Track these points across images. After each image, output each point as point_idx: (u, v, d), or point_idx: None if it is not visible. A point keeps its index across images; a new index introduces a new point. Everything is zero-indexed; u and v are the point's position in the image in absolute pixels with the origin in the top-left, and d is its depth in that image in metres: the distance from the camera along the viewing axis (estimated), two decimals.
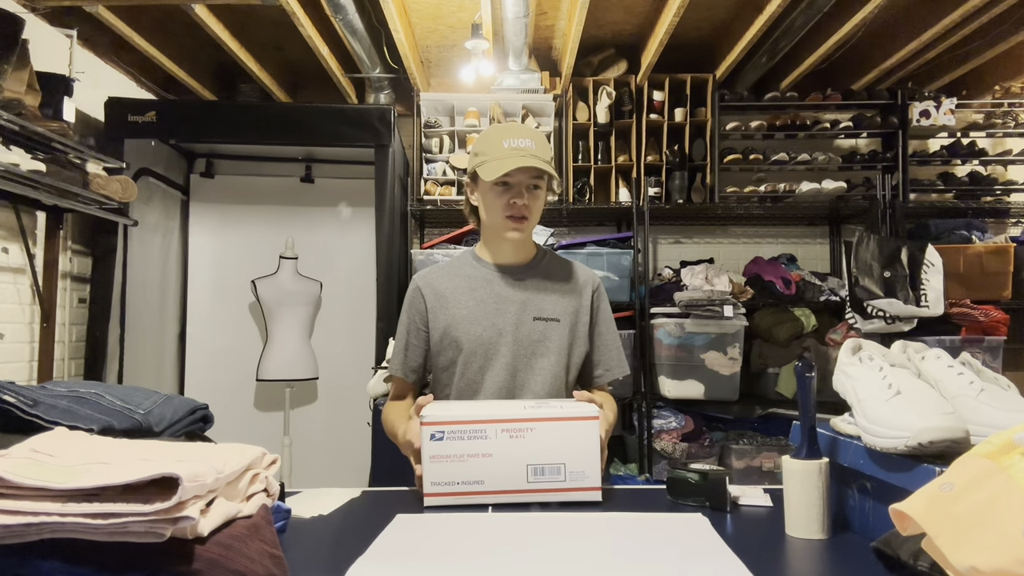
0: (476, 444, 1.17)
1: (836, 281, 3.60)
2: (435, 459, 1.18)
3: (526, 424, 1.18)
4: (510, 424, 1.18)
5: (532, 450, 1.17)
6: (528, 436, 1.18)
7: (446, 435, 1.17)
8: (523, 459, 1.17)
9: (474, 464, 1.17)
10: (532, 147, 1.45)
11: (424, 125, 3.71)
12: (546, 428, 1.18)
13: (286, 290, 3.73)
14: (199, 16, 2.83)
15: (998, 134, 3.80)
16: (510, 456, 1.17)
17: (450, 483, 1.17)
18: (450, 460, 1.17)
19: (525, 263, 1.58)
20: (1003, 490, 0.67)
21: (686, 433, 3.36)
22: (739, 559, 0.90)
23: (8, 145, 2.26)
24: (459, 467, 1.17)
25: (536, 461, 1.18)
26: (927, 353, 1.08)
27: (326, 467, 3.77)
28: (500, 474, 1.17)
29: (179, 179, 3.75)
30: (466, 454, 1.17)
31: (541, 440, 1.18)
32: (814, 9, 2.88)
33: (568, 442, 1.19)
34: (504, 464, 1.17)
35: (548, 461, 1.18)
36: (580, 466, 1.18)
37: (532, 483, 1.17)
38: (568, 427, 1.19)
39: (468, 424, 1.18)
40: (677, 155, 3.70)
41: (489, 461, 1.17)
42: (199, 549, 0.69)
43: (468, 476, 1.17)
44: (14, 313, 2.59)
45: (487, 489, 1.17)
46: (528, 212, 1.48)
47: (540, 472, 1.17)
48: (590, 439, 1.19)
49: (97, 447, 0.81)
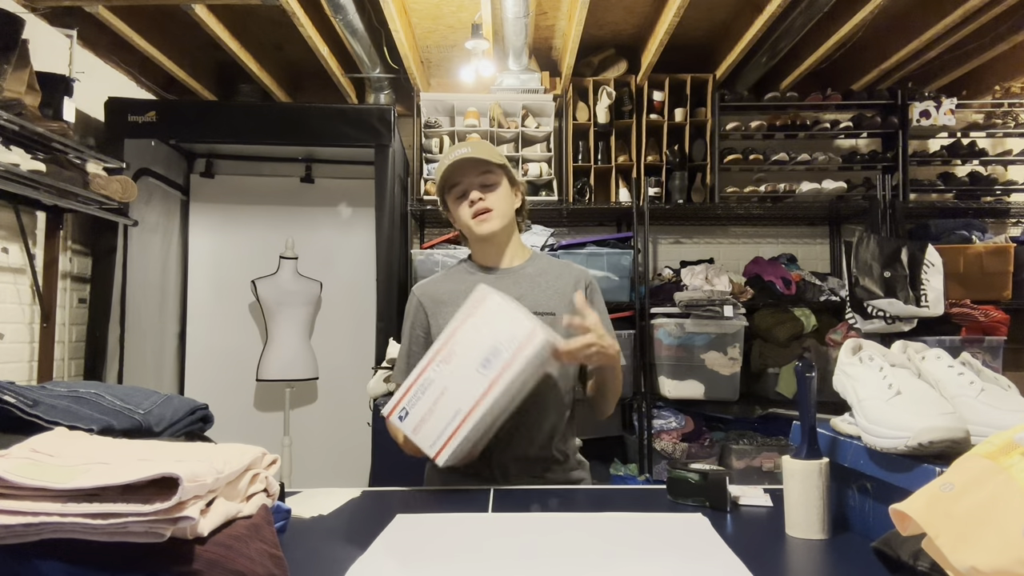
0: (430, 393, 1.24)
1: (836, 281, 3.60)
2: (416, 430, 1.24)
3: (448, 345, 1.27)
4: (438, 356, 1.26)
5: (468, 357, 1.24)
6: (456, 351, 1.25)
7: (407, 408, 1.26)
8: (468, 368, 1.23)
9: (442, 406, 1.23)
10: (467, 150, 1.53)
11: (424, 125, 3.71)
12: (463, 334, 1.27)
13: (286, 290, 3.73)
14: (199, 16, 2.83)
15: (998, 134, 3.80)
16: (458, 376, 1.24)
17: (440, 435, 1.22)
18: (425, 421, 1.24)
19: (518, 265, 1.62)
20: (1003, 490, 0.67)
21: (686, 433, 3.36)
22: (739, 559, 0.90)
23: (8, 145, 2.26)
24: (435, 419, 1.23)
25: (477, 361, 1.23)
26: (927, 353, 1.08)
27: (326, 467, 3.77)
28: (464, 395, 1.22)
29: (179, 179, 3.75)
30: (431, 405, 1.24)
31: (466, 345, 1.25)
32: (814, 9, 2.88)
33: (484, 326, 1.26)
34: (460, 386, 1.23)
35: (484, 353, 1.23)
36: (507, 333, 1.24)
37: (488, 377, 1.22)
38: (475, 318, 1.27)
39: (413, 386, 1.26)
40: (677, 155, 3.70)
41: (449, 394, 1.23)
42: (199, 549, 0.69)
43: (446, 418, 1.22)
44: (14, 313, 2.59)
45: (466, 412, 1.22)
46: (488, 204, 1.53)
47: (487, 365, 1.23)
48: (496, 307, 1.27)
49: (97, 447, 0.81)
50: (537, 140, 3.80)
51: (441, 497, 1.38)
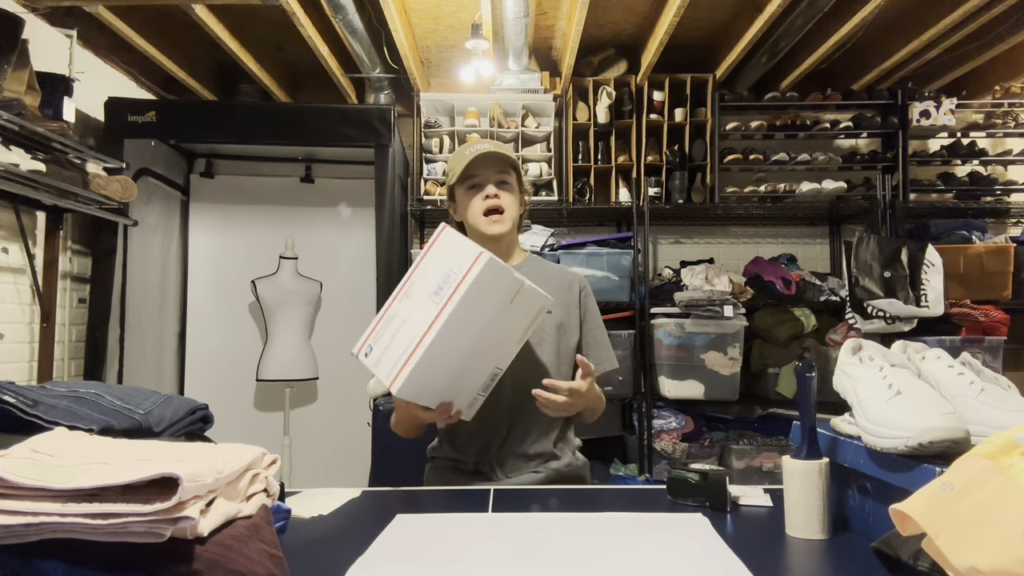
0: (392, 326, 1.28)
1: (836, 281, 3.60)
2: (378, 363, 1.26)
3: (409, 281, 1.31)
4: (400, 292, 1.31)
5: (425, 288, 1.26)
6: (416, 283, 1.30)
7: (372, 344, 1.29)
8: (423, 298, 1.25)
9: (400, 337, 1.24)
10: (490, 147, 1.57)
11: (424, 125, 3.70)
12: (422, 268, 1.30)
13: (286, 290, 3.73)
14: (199, 16, 2.83)
15: (998, 134, 3.80)
16: (415, 307, 1.26)
17: (396, 364, 1.22)
18: (386, 353, 1.25)
19: (515, 266, 1.63)
20: (1003, 490, 0.67)
21: (686, 433, 3.36)
22: (739, 559, 0.90)
23: (8, 145, 2.26)
24: (393, 349, 1.24)
25: (431, 289, 1.25)
26: (927, 353, 1.08)
27: (326, 467, 3.77)
28: (418, 322, 1.22)
29: (179, 179, 3.75)
30: (391, 338, 1.26)
31: (424, 277, 1.28)
32: (814, 9, 2.88)
33: (440, 258, 1.28)
34: (416, 315, 1.24)
35: (437, 282, 1.24)
36: (455, 261, 1.24)
37: (440, 301, 1.21)
38: (433, 252, 1.31)
39: (379, 323, 1.31)
40: (677, 155, 3.70)
41: (407, 324, 1.25)
42: (199, 549, 0.69)
43: (403, 347, 1.22)
44: (14, 313, 2.59)
45: (419, 338, 1.20)
46: (502, 204, 1.56)
47: (439, 291, 1.23)
48: (451, 240, 1.30)
49: (97, 447, 0.81)
50: (537, 140, 3.80)
51: (441, 497, 1.38)
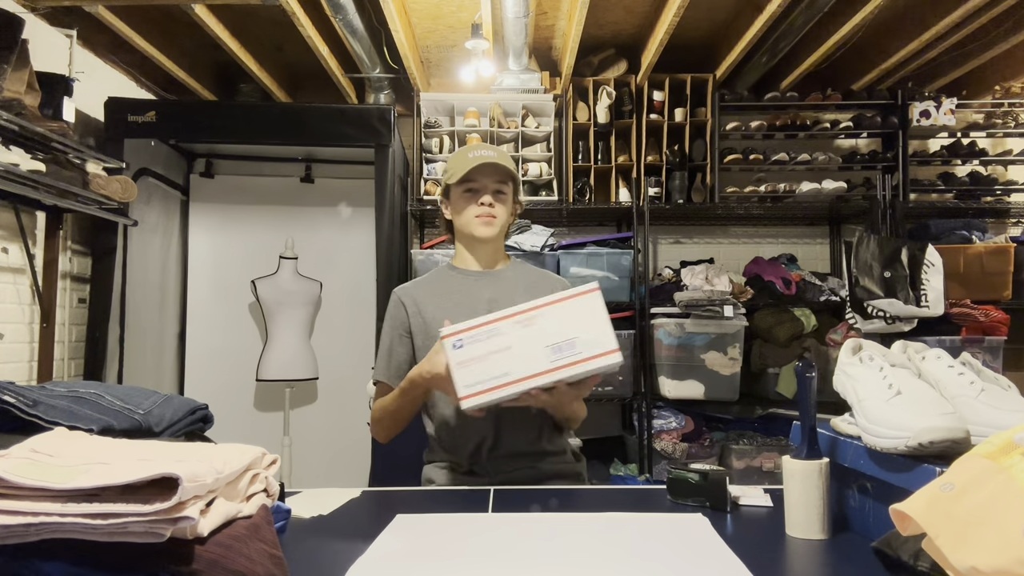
0: (494, 341, 1.24)
1: (836, 281, 3.59)
2: (461, 364, 1.24)
3: (534, 312, 1.26)
4: (520, 316, 1.26)
5: (545, 332, 1.24)
6: (538, 321, 1.25)
7: (465, 341, 1.24)
8: (539, 342, 1.24)
9: (497, 359, 1.23)
10: (494, 156, 1.58)
11: (424, 125, 3.70)
12: (553, 310, 1.26)
13: (286, 290, 3.73)
14: (199, 16, 2.83)
15: (998, 134, 3.80)
16: (527, 343, 1.24)
17: (479, 382, 1.23)
18: (474, 362, 1.23)
19: (499, 269, 1.68)
20: (1003, 490, 0.67)
21: (686, 433, 3.36)
22: (739, 559, 0.90)
23: (8, 145, 2.26)
24: (484, 366, 1.23)
25: (551, 341, 1.24)
26: (927, 353, 1.08)
27: (326, 467, 3.77)
28: (522, 362, 1.23)
29: (179, 179, 3.74)
30: (487, 352, 1.23)
31: (551, 321, 1.25)
32: (814, 9, 2.88)
33: (575, 316, 1.26)
34: (523, 351, 1.24)
35: (562, 338, 1.24)
36: (592, 335, 1.24)
37: (554, 361, 1.23)
38: (572, 304, 1.27)
39: (483, 327, 1.25)
40: (677, 155, 3.70)
41: (509, 353, 1.23)
42: (199, 549, 0.69)
43: (494, 372, 1.23)
44: (14, 313, 2.59)
45: (515, 378, 1.23)
46: (495, 212, 1.59)
47: (558, 350, 1.23)
48: (595, 308, 1.27)
49: (97, 447, 0.81)
50: (537, 140, 3.80)
51: (441, 497, 1.38)
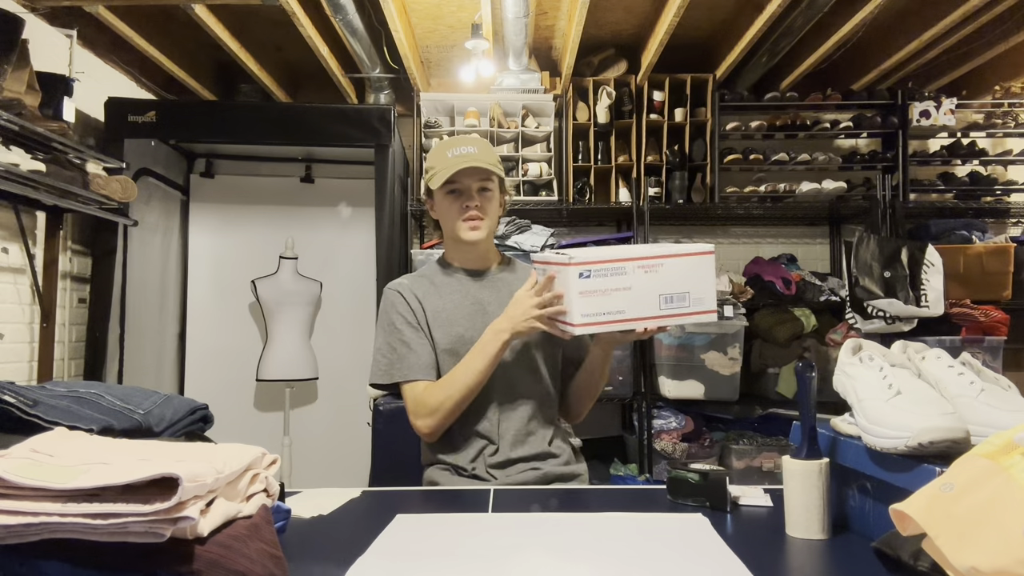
0: (617, 279, 1.30)
1: (836, 281, 3.59)
2: (584, 294, 1.29)
3: (658, 261, 1.33)
4: (645, 261, 1.32)
5: (664, 281, 1.32)
6: (660, 271, 1.32)
7: (592, 273, 1.29)
8: (656, 289, 1.32)
9: (616, 297, 1.30)
10: (474, 152, 1.53)
11: (424, 125, 3.70)
12: (675, 263, 1.33)
13: (286, 290, 3.73)
14: (199, 16, 2.82)
15: (998, 134, 3.80)
16: (645, 287, 1.31)
17: (596, 314, 1.29)
18: (596, 295, 1.29)
19: (492, 269, 1.64)
20: (1003, 490, 0.67)
21: (686, 433, 3.35)
22: (739, 559, 0.90)
23: (8, 145, 2.26)
24: (604, 300, 1.29)
25: (667, 291, 1.32)
26: (927, 353, 1.08)
27: (326, 467, 3.77)
28: (637, 304, 1.31)
29: (179, 179, 3.74)
30: (609, 288, 1.30)
31: (671, 273, 1.33)
32: (814, 9, 2.88)
33: (692, 273, 1.34)
34: (640, 295, 1.31)
35: (676, 290, 1.33)
36: (701, 292, 1.34)
37: (664, 310, 1.32)
38: (692, 261, 1.35)
39: (610, 263, 1.31)
40: (677, 155, 3.70)
41: (628, 294, 1.30)
42: (199, 549, 0.69)
43: (611, 307, 1.30)
44: (14, 313, 2.59)
45: (627, 317, 1.31)
46: (482, 212, 1.55)
47: (670, 300, 1.32)
48: (709, 269, 1.36)
49: (97, 447, 0.81)
50: (537, 140, 3.80)
51: (441, 497, 1.38)
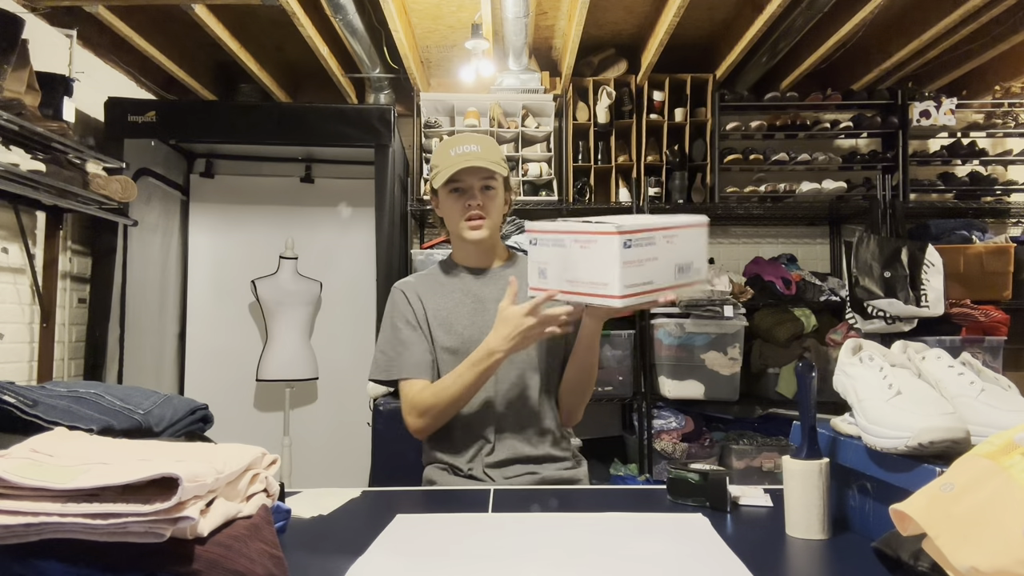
0: (649, 250, 1.28)
1: (836, 281, 3.59)
2: (627, 264, 1.26)
3: (676, 231, 1.32)
4: (667, 232, 1.30)
5: (679, 252, 1.32)
6: (676, 240, 1.31)
7: (634, 243, 1.27)
8: (673, 259, 1.31)
9: (648, 267, 1.28)
10: (478, 151, 1.52)
11: (424, 125, 3.70)
12: (687, 233, 1.33)
13: (286, 290, 3.73)
14: (199, 16, 2.82)
15: (998, 134, 3.80)
16: (666, 257, 1.30)
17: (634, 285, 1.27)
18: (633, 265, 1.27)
19: (498, 267, 1.63)
20: (1004, 490, 0.67)
21: (686, 433, 3.35)
22: (739, 559, 0.90)
23: (8, 145, 2.26)
24: (639, 271, 1.27)
25: (680, 261, 1.32)
26: (927, 353, 1.08)
27: (326, 467, 3.77)
28: (661, 274, 1.29)
29: (179, 179, 3.75)
30: (643, 259, 1.28)
31: (684, 243, 1.33)
32: (814, 9, 2.88)
33: (697, 243, 1.35)
34: (662, 265, 1.30)
35: (686, 260, 1.33)
36: (700, 263, 1.35)
37: (677, 279, 1.31)
38: (696, 232, 1.35)
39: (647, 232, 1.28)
40: (677, 155, 3.70)
41: (655, 264, 1.29)
42: (199, 549, 0.69)
43: (644, 278, 1.27)
44: (14, 313, 2.59)
45: (655, 287, 1.29)
46: (484, 212, 1.54)
47: (681, 270, 1.32)
48: (705, 240, 1.37)
49: (97, 447, 0.81)
50: (537, 140, 3.80)
51: (441, 497, 1.38)
